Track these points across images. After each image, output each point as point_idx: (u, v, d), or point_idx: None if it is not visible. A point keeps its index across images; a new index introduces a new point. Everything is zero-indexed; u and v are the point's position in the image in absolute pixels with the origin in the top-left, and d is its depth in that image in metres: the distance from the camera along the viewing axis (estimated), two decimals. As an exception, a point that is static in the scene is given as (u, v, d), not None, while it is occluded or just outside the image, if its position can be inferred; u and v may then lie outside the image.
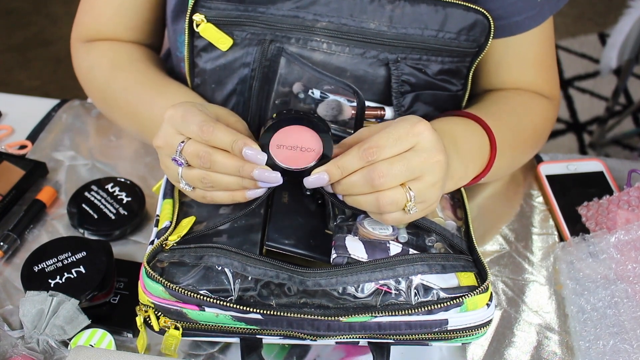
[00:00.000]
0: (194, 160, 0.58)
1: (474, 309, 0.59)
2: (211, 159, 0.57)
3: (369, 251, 0.59)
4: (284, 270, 0.58)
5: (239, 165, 0.57)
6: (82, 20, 0.83)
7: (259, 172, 0.57)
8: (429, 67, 0.70)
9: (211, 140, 0.57)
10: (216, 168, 0.58)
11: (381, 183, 0.55)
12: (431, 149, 0.57)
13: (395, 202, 0.56)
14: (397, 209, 0.57)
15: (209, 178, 0.58)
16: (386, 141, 0.56)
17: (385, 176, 0.55)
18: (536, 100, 0.80)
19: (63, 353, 0.63)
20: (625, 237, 0.73)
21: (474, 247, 0.63)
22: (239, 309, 0.57)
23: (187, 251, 0.59)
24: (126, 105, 0.77)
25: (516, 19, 0.74)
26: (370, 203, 0.57)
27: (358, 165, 0.56)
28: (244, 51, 0.69)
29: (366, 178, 0.56)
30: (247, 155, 0.57)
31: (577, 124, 2.18)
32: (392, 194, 0.56)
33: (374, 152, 0.55)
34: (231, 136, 0.57)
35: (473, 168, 0.68)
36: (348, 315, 0.57)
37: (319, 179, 0.58)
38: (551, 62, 0.82)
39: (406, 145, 0.56)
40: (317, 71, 0.68)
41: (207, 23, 0.67)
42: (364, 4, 0.67)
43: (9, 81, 2.20)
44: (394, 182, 0.55)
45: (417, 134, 0.56)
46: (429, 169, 0.56)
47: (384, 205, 0.56)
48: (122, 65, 0.79)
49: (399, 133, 0.56)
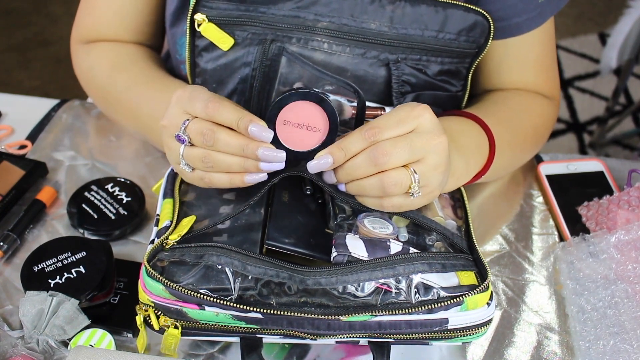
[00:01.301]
0: (197, 138, 0.57)
1: (474, 308, 0.59)
2: (215, 136, 0.56)
3: (369, 249, 0.59)
4: (284, 270, 0.58)
5: (243, 143, 0.57)
6: (82, 22, 0.83)
7: (263, 150, 0.57)
8: (429, 68, 0.71)
9: (216, 116, 0.57)
10: (219, 146, 0.57)
11: (385, 161, 0.55)
12: (432, 130, 0.57)
13: (399, 183, 0.56)
14: (401, 191, 0.57)
15: (210, 157, 0.58)
16: (388, 123, 0.57)
17: (388, 154, 0.55)
18: (536, 100, 0.80)
19: (63, 353, 0.63)
20: (626, 237, 0.73)
21: (474, 246, 0.63)
22: (239, 308, 0.57)
23: (187, 250, 0.59)
24: (128, 104, 0.77)
25: (517, 20, 0.74)
26: (373, 186, 0.57)
27: (361, 145, 0.56)
28: (245, 51, 0.69)
29: (370, 157, 0.56)
30: (252, 133, 0.56)
31: (577, 124, 2.18)
32: (396, 174, 0.56)
33: (376, 133, 0.56)
34: (237, 113, 0.57)
35: (474, 165, 0.68)
36: (348, 314, 0.57)
37: (323, 163, 0.58)
38: (552, 63, 0.82)
39: (408, 127, 0.57)
40: (318, 70, 0.68)
41: (209, 23, 0.67)
42: (365, 4, 0.67)
43: (9, 81, 2.20)
44: (397, 161, 0.56)
45: (417, 115, 0.57)
46: (431, 149, 0.57)
47: (388, 186, 0.56)
48: (122, 65, 0.79)
49: (400, 115, 0.57)
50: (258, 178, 0.59)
